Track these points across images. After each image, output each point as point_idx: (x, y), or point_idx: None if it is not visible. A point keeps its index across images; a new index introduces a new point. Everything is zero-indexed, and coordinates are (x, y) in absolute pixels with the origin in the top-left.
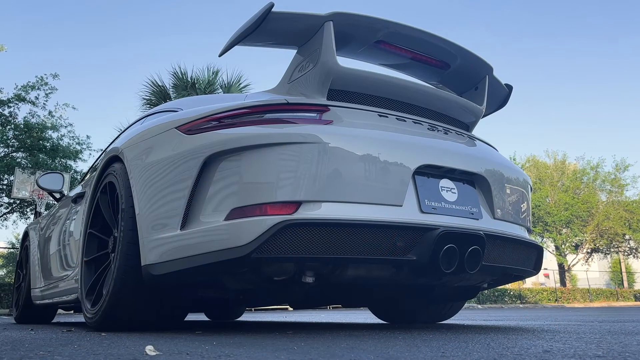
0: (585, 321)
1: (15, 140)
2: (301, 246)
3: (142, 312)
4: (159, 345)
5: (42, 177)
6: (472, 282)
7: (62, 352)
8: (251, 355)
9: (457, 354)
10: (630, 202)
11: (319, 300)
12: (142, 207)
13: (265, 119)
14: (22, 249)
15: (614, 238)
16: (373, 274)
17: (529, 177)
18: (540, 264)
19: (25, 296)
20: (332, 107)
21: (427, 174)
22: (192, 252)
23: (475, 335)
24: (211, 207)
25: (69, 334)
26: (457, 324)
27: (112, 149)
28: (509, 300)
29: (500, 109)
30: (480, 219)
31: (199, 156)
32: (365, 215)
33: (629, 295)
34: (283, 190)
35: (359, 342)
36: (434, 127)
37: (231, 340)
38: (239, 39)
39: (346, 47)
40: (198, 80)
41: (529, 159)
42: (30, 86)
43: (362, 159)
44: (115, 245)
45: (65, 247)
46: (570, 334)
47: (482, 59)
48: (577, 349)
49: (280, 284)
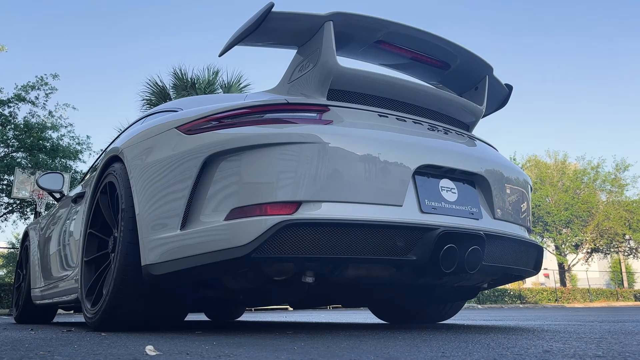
0: (585, 321)
1: (15, 140)
2: (301, 246)
3: (142, 312)
4: (159, 345)
5: (42, 177)
6: (472, 282)
7: (62, 352)
8: (251, 355)
9: (457, 354)
10: (630, 202)
11: (319, 300)
12: (142, 207)
13: (265, 119)
14: (22, 249)
15: (614, 238)
16: (373, 274)
17: (529, 177)
18: (540, 264)
19: (25, 296)
20: (332, 107)
21: (427, 174)
22: (192, 252)
23: (475, 335)
24: (211, 207)
25: (69, 334)
26: (457, 324)
27: (112, 149)
28: (509, 300)
29: (500, 109)
30: (480, 219)
31: (199, 156)
32: (366, 215)
33: (629, 295)
34: (283, 190)
35: (359, 342)
36: (434, 127)
37: (231, 340)
38: (239, 39)
39: (346, 47)
40: (198, 80)
41: (529, 159)
42: (30, 86)
43: (362, 159)
44: (115, 245)
45: (65, 247)
46: (570, 334)
47: (482, 59)
48: (577, 349)
49: (280, 284)
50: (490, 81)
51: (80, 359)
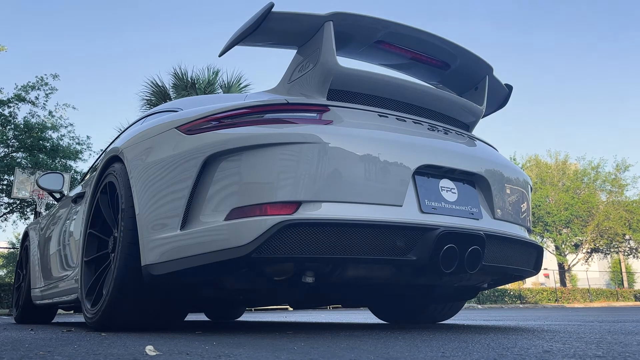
0: (585, 321)
1: (15, 140)
2: (301, 246)
3: (142, 312)
4: (159, 345)
5: (42, 177)
6: (472, 282)
7: (62, 352)
8: (251, 355)
9: (457, 354)
10: (631, 202)
11: (319, 300)
12: (142, 207)
13: (265, 119)
14: (22, 249)
15: (614, 238)
16: (373, 274)
17: (529, 177)
18: (540, 264)
19: (25, 296)
20: (332, 107)
21: (427, 174)
22: (192, 252)
23: (475, 335)
24: (211, 207)
25: (69, 334)
26: (457, 324)
27: (112, 149)
28: (509, 300)
29: (500, 109)
30: (480, 219)
31: (199, 156)
32: (366, 215)
33: (629, 295)
34: (283, 190)
35: (359, 342)
36: (434, 127)
37: (231, 340)
38: (239, 39)
39: (346, 47)
40: (198, 80)
41: (530, 159)
42: (30, 86)
43: (362, 159)
44: (115, 245)
45: (65, 247)
46: (570, 334)
47: (482, 59)
48: (577, 349)
49: (280, 284)
50: (490, 81)
51: (80, 359)
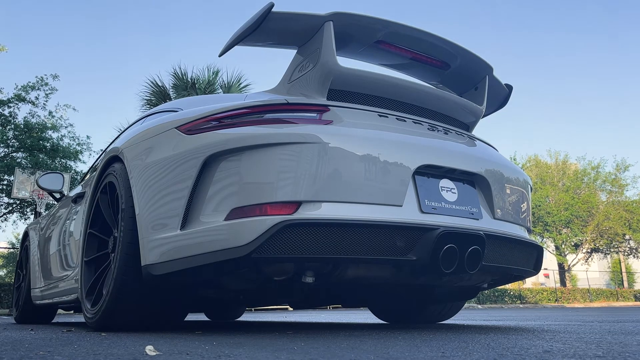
0: (585, 321)
1: (15, 140)
2: (301, 246)
3: (142, 312)
4: (159, 345)
5: (42, 177)
6: (472, 282)
7: (62, 352)
8: (251, 355)
9: (457, 354)
10: (630, 202)
11: (319, 300)
12: (142, 207)
13: (265, 119)
14: (22, 249)
15: (614, 238)
16: (373, 274)
17: (529, 177)
18: (540, 264)
19: (25, 296)
20: (332, 107)
21: (427, 174)
22: (192, 252)
23: (475, 335)
24: (211, 207)
25: (69, 334)
26: (457, 324)
27: (112, 149)
28: (509, 300)
29: (500, 109)
30: (480, 219)
31: (199, 156)
32: (366, 215)
33: (629, 295)
34: (283, 190)
35: (359, 342)
36: (434, 127)
37: (231, 340)
38: (239, 39)
39: (346, 47)
40: (198, 80)
41: (530, 159)
42: (30, 86)
43: (362, 159)
44: (115, 245)
45: (65, 247)
46: (571, 334)
47: (482, 59)
48: (577, 349)
49: (280, 284)
50: (490, 81)
51: (80, 359)
